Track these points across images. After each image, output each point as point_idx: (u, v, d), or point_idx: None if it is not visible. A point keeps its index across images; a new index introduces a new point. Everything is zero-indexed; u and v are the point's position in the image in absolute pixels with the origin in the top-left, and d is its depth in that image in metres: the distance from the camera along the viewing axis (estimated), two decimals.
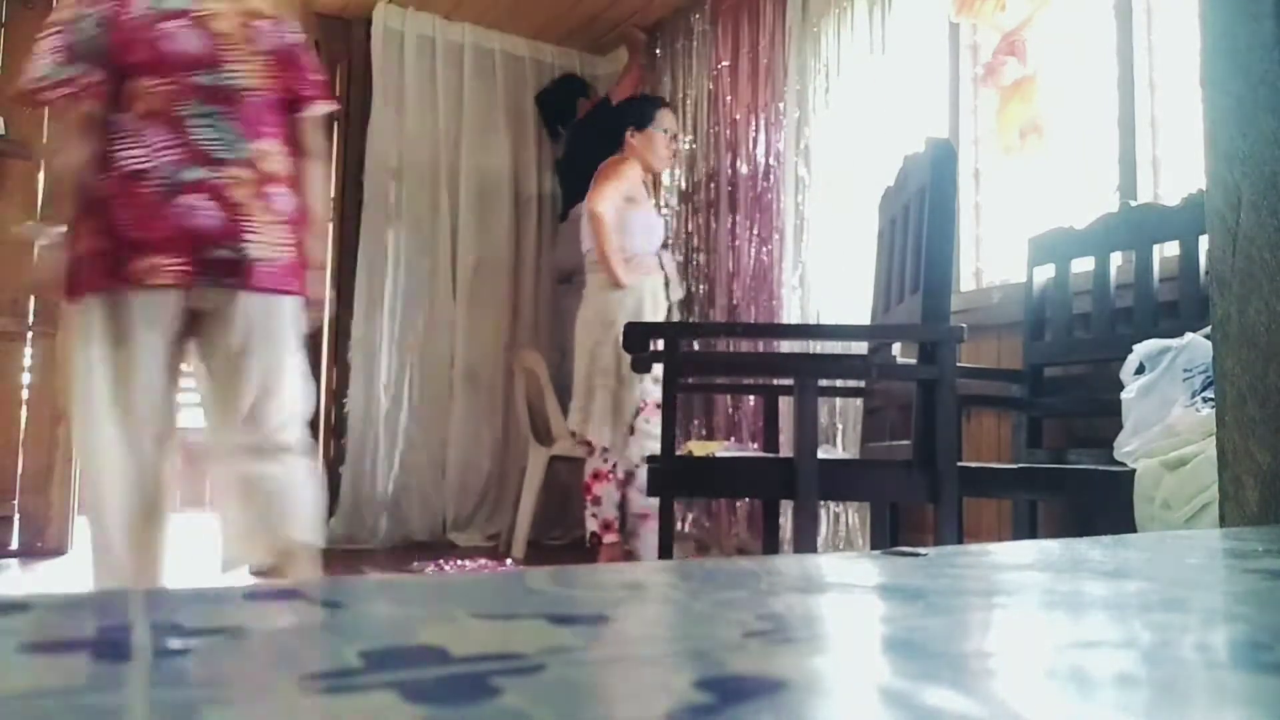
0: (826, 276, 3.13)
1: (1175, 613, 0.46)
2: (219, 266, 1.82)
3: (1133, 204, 2.32)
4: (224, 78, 1.88)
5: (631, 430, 3.15)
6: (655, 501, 3.01)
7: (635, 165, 3.29)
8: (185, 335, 1.90)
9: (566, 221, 4.00)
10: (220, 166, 1.84)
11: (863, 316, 2.79)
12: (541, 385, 3.68)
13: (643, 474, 3.16)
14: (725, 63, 3.70)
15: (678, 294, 3.44)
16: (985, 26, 2.80)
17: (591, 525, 3.23)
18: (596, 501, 3.21)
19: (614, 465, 3.22)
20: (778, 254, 3.34)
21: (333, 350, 4.02)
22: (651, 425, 3.14)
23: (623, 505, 3.22)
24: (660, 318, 3.23)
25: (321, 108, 2.04)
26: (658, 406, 3.08)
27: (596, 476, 3.23)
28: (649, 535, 3.17)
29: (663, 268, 3.30)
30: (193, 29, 1.88)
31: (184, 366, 1.96)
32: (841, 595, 0.50)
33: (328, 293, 2.16)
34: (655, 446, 3.07)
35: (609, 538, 3.20)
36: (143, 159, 1.81)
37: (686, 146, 3.88)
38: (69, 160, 1.88)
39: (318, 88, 2.03)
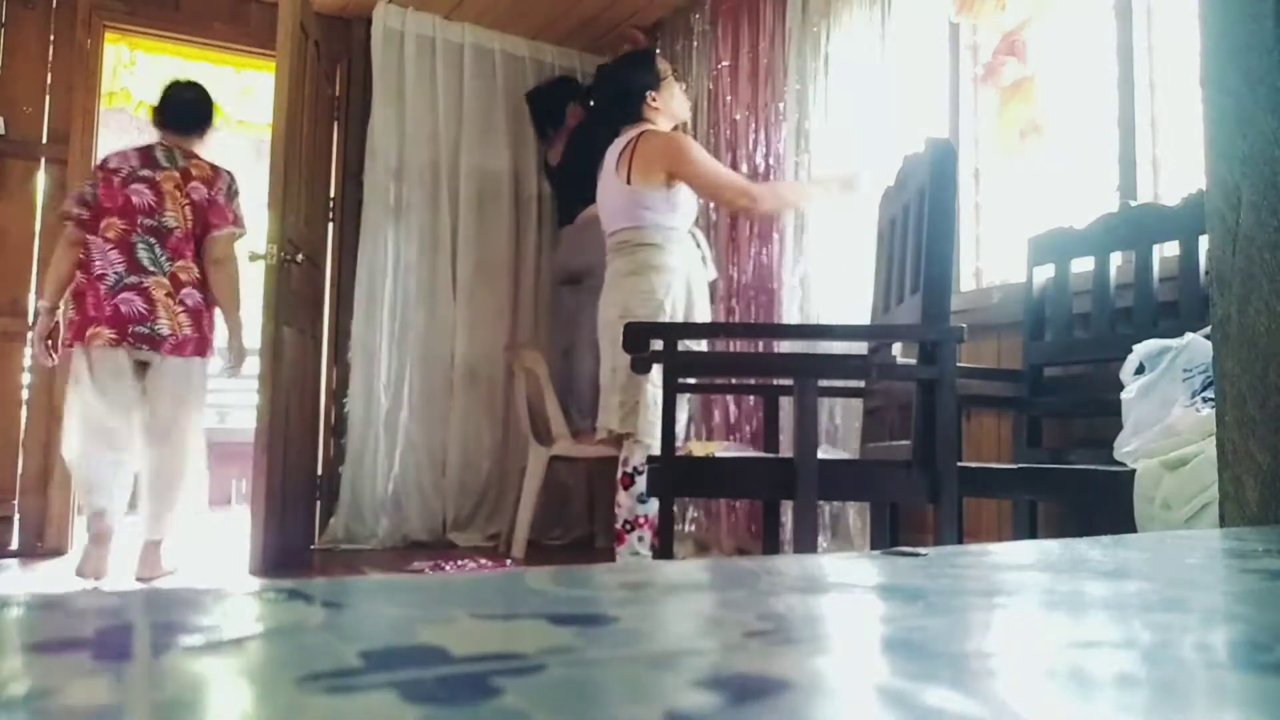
0: (826, 276, 3.13)
1: (1175, 613, 0.46)
2: (139, 338, 3.00)
3: (1133, 204, 2.32)
4: (161, 221, 3.07)
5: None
6: (651, 509, 2.86)
7: (679, 132, 3.01)
8: (139, 379, 3.07)
9: (571, 226, 3.97)
10: (148, 276, 3.02)
11: (863, 316, 2.79)
12: (542, 385, 3.67)
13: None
14: (725, 63, 3.70)
15: (711, 273, 3.13)
16: (985, 26, 2.80)
17: (624, 515, 2.93)
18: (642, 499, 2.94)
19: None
20: (777, 254, 3.34)
21: (333, 350, 4.02)
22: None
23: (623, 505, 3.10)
24: (704, 299, 2.96)
25: (225, 232, 3.17)
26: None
27: (640, 470, 2.90)
28: (639, 545, 2.94)
29: (698, 245, 3.02)
30: (148, 189, 3.08)
31: (138, 397, 3.08)
32: (841, 595, 0.50)
33: (251, 342, 3.28)
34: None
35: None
36: (102, 267, 3.00)
37: None
38: (60, 263, 3.09)
39: (226, 219, 3.17)
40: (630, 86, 3.02)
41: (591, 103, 4.02)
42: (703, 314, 2.94)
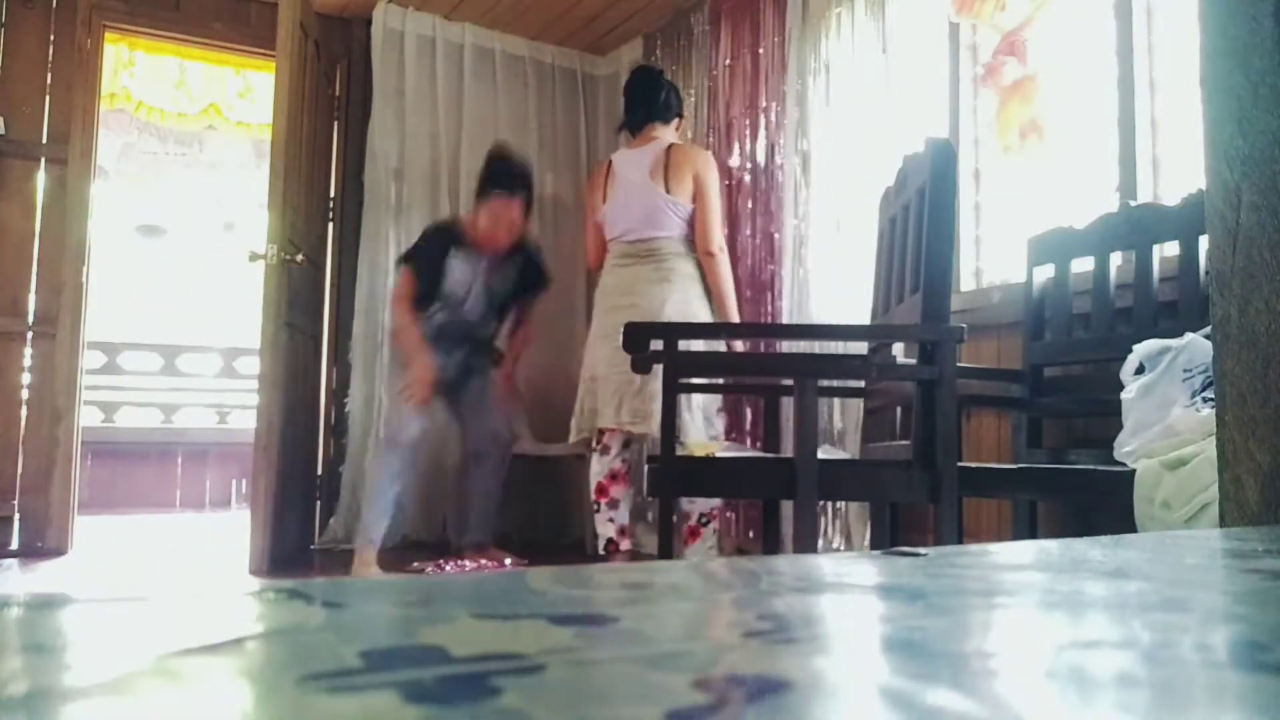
0: (826, 276, 3.12)
1: (1175, 613, 0.46)
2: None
3: (1133, 204, 2.32)
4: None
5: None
6: (714, 501, 3.04)
7: None
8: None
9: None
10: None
11: (863, 316, 2.79)
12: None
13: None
14: (725, 63, 3.70)
15: None
16: (985, 26, 2.80)
17: (608, 531, 3.02)
18: (614, 505, 3.01)
19: (630, 466, 3.07)
20: (778, 254, 3.34)
21: (333, 350, 4.02)
22: (719, 425, 3.09)
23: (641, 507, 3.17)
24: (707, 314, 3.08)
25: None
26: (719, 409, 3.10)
27: (615, 478, 3.03)
28: (714, 536, 3.02)
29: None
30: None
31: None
32: (841, 595, 0.50)
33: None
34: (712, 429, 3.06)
35: (625, 544, 3.03)
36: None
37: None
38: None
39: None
40: (671, 102, 3.20)
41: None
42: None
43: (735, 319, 3.07)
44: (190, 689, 0.29)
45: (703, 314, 2.97)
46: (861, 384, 2.41)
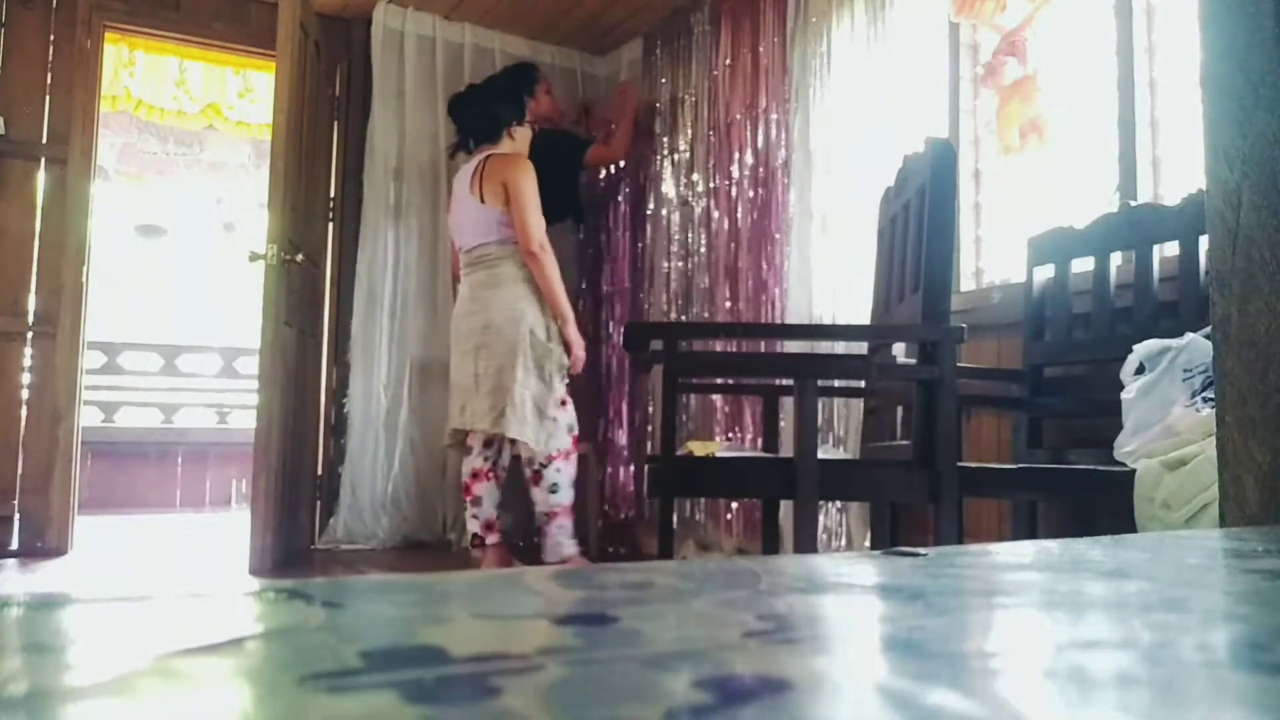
0: (826, 276, 3.12)
1: (1175, 613, 0.46)
2: None
3: (1133, 204, 2.32)
4: None
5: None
6: (564, 499, 3.13)
7: (526, 159, 3.27)
8: None
9: None
10: None
11: (863, 316, 2.79)
12: None
13: (555, 474, 3.11)
14: (725, 63, 3.69)
15: None
16: (985, 26, 2.80)
17: (473, 526, 3.17)
18: (477, 502, 3.16)
19: (494, 464, 3.18)
20: (778, 254, 3.34)
21: (333, 350, 4.02)
22: (562, 419, 3.14)
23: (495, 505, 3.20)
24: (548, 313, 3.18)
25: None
26: (563, 403, 3.17)
27: (476, 476, 3.17)
28: (559, 533, 3.13)
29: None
30: None
31: None
32: (841, 595, 0.50)
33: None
34: (566, 441, 3.14)
35: (492, 538, 3.14)
36: None
37: (686, 147, 3.88)
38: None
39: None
40: (499, 110, 3.34)
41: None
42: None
43: (567, 313, 3.16)
44: (190, 689, 0.29)
45: (529, 312, 3.08)
46: (861, 384, 2.41)
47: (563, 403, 3.16)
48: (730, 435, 3.48)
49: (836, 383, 2.60)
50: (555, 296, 3.14)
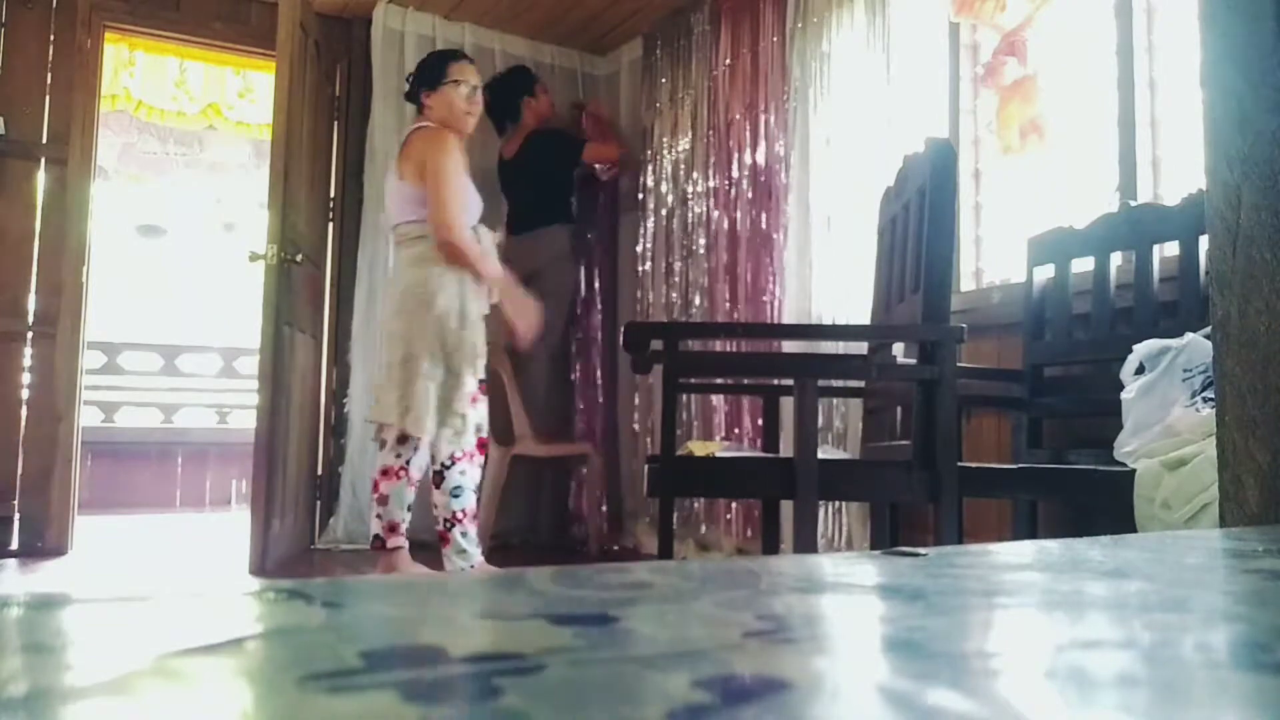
0: (826, 276, 3.13)
1: (1175, 613, 0.46)
2: None
3: (1133, 204, 2.32)
4: None
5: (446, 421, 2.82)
6: (467, 503, 2.82)
7: (451, 133, 2.96)
8: None
9: (526, 235, 3.93)
10: None
11: (863, 316, 2.79)
12: (505, 384, 3.69)
13: (459, 476, 2.81)
14: (726, 63, 3.70)
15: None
16: (985, 26, 2.80)
17: (375, 527, 2.90)
18: (383, 501, 2.87)
19: (407, 462, 2.87)
20: (777, 254, 3.34)
21: (333, 350, 4.02)
22: (471, 417, 2.84)
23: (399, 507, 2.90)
24: (483, 300, 2.91)
25: None
26: (474, 399, 2.87)
27: (386, 474, 2.88)
28: (461, 540, 2.82)
29: (480, 241, 2.94)
30: None
31: None
32: (841, 595, 0.50)
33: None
34: (471, 441, 2.83)
35: (394, 542, 2.87)
36: None
37: (686, 147, 3.88)
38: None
39: None
40: (416, 80, 3.06)
41: (539, 94, 4.01)
42: (481, 310, 2.91)
43: (503, 285, 2.92)
44: (190, 689, 0.29)
45: (441, 296, 2.79)
46: (861, 384, 2.41)
47: (473, 399, 2.86)
48: (730, 435, 3.48)
49: (836, 383, 2.60)
50: (484, 274, 2.87)
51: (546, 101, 4.07)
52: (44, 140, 3.63)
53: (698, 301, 3.75)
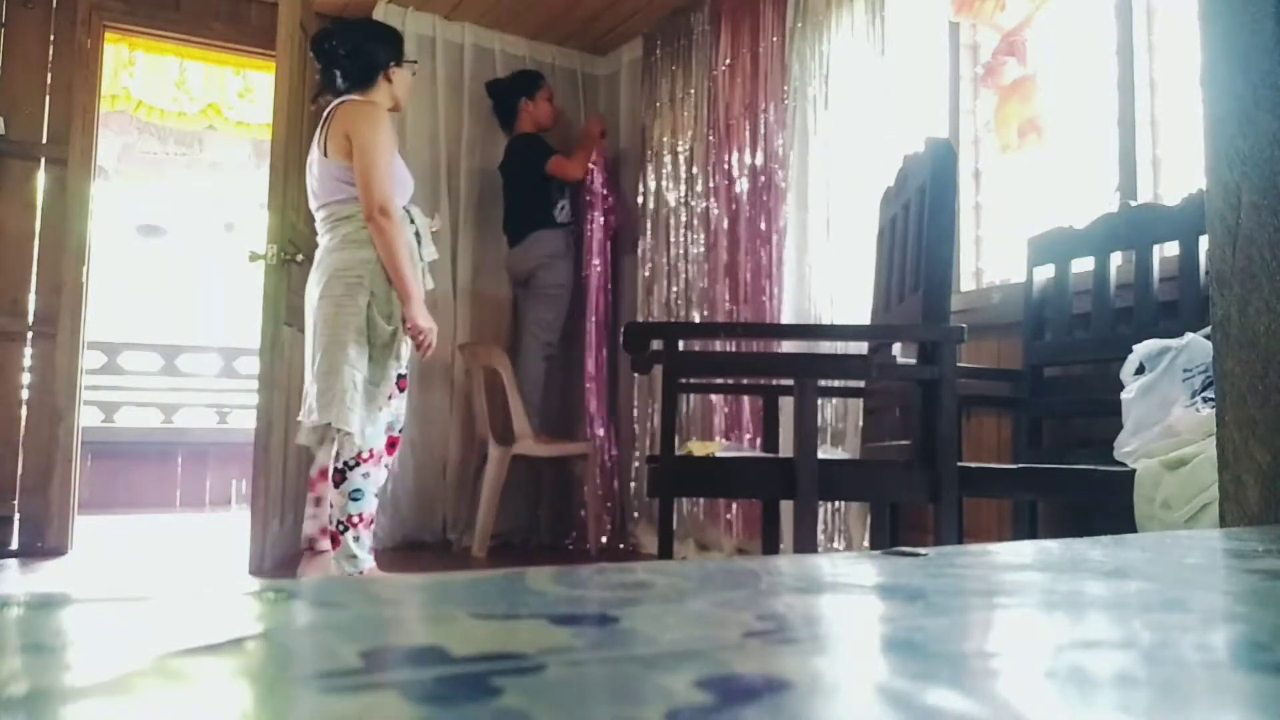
0: (826, 276, 3.13)
1: (1175, 613, 0.46)
2: None
3: (1133, 204, 2.32)
4: None
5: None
6: (366, 508, 2.64)
7: (381, 107, 2.83)
8: None
9: (515, 246, 3.99)
10: None
11: (863, 316, 2.79)
12: (505, 384, 3.69)
13: (361, 479, 2.62)
14: (725, 63, 3.69)
15: (431, 254, 2.91)
16: (985, 26, 2.80)
17: (309, 529, 2.79)
18: (318, 502, 2.78)
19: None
20: (777, 254, 3.34)
21: None
22: (383, 417, 2.71)
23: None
24: (419, 281, 2.79)
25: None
26: (391, 396, 2.72)
27: (325, 474, 2.75)
28: (354, 545, 2.62)
29: (413, 222, 2.82)
30: None
31: None
32: (841, 595, 0.50)
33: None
34: (380, 441, 2.69)
35: (324, 544, 2.74)
36: None
37: (685, 147, 3.88)
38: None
39: None
40: (376, 54, 2.89)
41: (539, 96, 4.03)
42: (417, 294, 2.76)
43: (410, 290, 2.69)
44: (190, 689, 0.29)
45: (368, 281, 2.66)
46: (861, 384, 2.41)
47: (391, 395, 2.73)
48: (730, 435, 3.48)
49: (836, 383, 2.60)
50: (397, 270, 2.66)
51: (547, 107, 4.08)
52: (44, 140, 3.63)
53: (698, 301, 3.75)
